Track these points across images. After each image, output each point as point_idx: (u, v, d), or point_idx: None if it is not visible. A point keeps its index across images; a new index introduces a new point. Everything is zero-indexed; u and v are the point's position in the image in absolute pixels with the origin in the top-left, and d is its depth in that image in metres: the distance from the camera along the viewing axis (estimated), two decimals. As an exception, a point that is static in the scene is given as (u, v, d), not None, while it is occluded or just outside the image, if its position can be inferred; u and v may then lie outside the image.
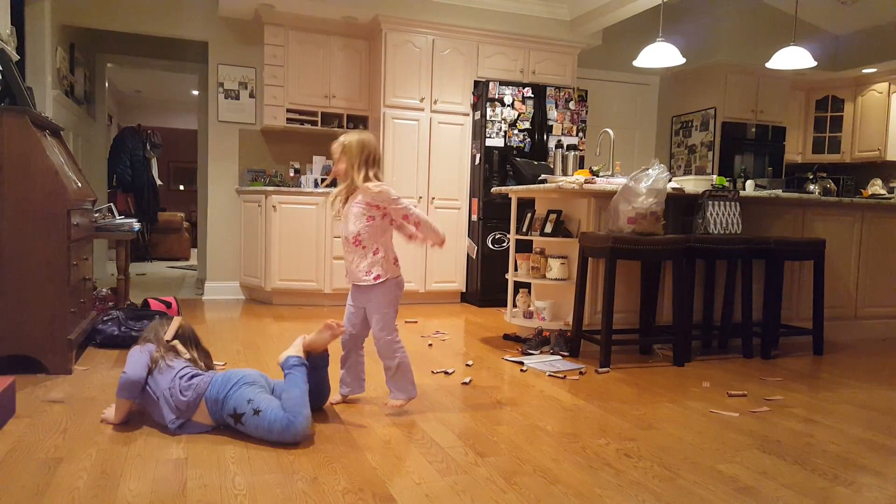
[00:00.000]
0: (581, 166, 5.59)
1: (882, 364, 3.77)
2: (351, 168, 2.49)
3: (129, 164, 8.40)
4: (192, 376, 2.30)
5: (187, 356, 2.42)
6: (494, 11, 5.78)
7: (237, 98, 5.71)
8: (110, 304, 4.17)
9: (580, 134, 5.80)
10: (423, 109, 5.59)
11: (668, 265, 3.88)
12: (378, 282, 2.50)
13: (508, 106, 5.56)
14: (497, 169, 5.55)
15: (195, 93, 8.21)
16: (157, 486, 1.82)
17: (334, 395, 2.66)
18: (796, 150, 7.40)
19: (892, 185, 6.60)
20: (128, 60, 6.41)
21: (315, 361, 2.45)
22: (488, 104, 5.50)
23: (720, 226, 3.76)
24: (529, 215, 4.14)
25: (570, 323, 3.71)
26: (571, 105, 5.75)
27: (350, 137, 2.53)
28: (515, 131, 5.59)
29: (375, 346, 2.56)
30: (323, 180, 5.58)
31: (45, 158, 2.87)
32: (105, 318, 3.64)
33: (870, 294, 4.57)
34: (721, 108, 6.65)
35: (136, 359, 2.30)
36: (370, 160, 2.51)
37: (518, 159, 5.25)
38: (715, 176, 5.59)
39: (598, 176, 4.02)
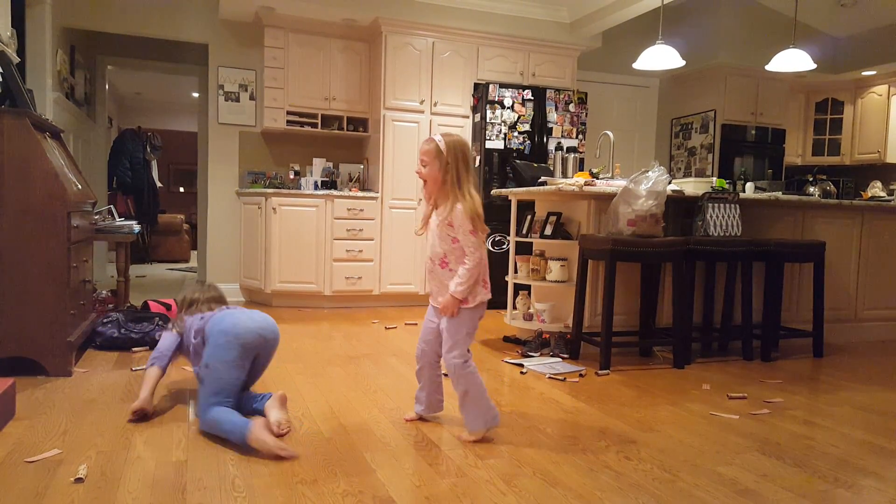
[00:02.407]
0: (581, 168, 5.60)
1: (882, 366, 3.77)
2: (442, 174, 2.23)
3: (129, 166, 8.41)
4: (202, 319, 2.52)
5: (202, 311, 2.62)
6: (494, 14, 5.78)
7: (237, 100, 5.72)
8: (110, 306, 4.17)
9: (580, 136, 5.80)
10: (423, 112, 5.59)
11: (667, 267, 3.88)
12: (464, 307, 2.28)
13: (508, 108, 5.56)
14: (497, 171, 5.55)
15: (195, 95, 8.22)
16: (156, 489, 1.82)
17: (409, 412, 2.52)
18: (796, 152, 7.40)
19: (892, 187, 6.60)
20: (128, 63, 6.42)
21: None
22: (488, 106, 5.50)
23: (720, 228, 3.76)
24: (529, 217, 4.14)
25: (570, 325, 3.71)
26: (571, 107, 5.76)
27: (448, 137, 2.26)
28: (515, 133, 5.60)
29: (445, 368, 2.35)
30: (324, 182, 5.59)
31: (45, 160, 2.87)
32: (105, 321, 3.64)
33: (870, 296, 4.57)
34: (721, 110, 6.66)
35: (165, 336, 2.62)
36: (464, 166, 2.24)
37: (518, 161, 5.25)
38: (715, 178, 5.60)
39: (597, 178, 4.03)
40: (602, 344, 3.42)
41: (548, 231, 3.91)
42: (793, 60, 4.90)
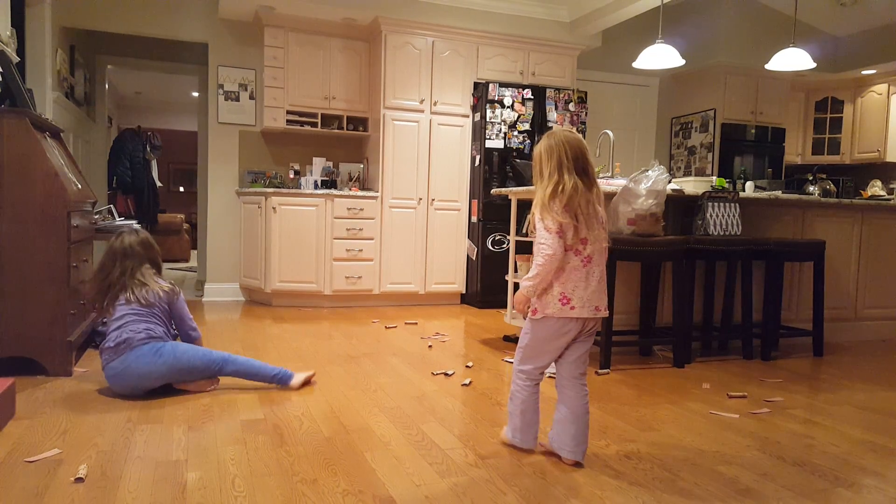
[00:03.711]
0: (581, 168, 5.58)
1: (882, 365, 3.77)
2: (535, 178, 2.14)
3: (128, 165, 8.38)
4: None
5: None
6: (494, 13, 5.78)
7: (237, 100, 5.71)
8: (110, 305, 4.16)
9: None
10: (422, 111, 5.59)
11: (667, 266, 3.87)
12: (534, 316, 2.10)
13: (508, 107, 5.56)
14: (497, 170, 5.55)
15: (195, 94, 8.21)
16: (156, 488, 1.82)
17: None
18: (796, 151, 7.40)
19: (891, 186, 6.60)
20: (128, 62, 6.41)
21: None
22: (488, 106, 5.50)
23: (720, 227, 3.76)
24: (529, 217, 4.13)
25: (570, 324, 3.70)
26: (571, 106, 5.76)
27: (542, 142, 2.16)
28: (515, 133, 5.60)
29: None
30: (324, 182, 5.59)
31: (45, 160, 2.87)
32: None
33: (870, 295, 4.57)
34: (721, 109, 6.66)
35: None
36: (546, 158, 2.12)
37: (518, 160, 5.25)
38: (715, 177, 5.59)
39: (597, 177, 4.01)
40: (602, 343, 3.42)
41: (548, 230, 3.90)
42: (793, 59, 4.89)
